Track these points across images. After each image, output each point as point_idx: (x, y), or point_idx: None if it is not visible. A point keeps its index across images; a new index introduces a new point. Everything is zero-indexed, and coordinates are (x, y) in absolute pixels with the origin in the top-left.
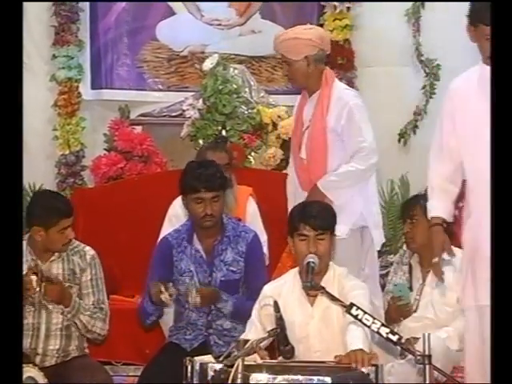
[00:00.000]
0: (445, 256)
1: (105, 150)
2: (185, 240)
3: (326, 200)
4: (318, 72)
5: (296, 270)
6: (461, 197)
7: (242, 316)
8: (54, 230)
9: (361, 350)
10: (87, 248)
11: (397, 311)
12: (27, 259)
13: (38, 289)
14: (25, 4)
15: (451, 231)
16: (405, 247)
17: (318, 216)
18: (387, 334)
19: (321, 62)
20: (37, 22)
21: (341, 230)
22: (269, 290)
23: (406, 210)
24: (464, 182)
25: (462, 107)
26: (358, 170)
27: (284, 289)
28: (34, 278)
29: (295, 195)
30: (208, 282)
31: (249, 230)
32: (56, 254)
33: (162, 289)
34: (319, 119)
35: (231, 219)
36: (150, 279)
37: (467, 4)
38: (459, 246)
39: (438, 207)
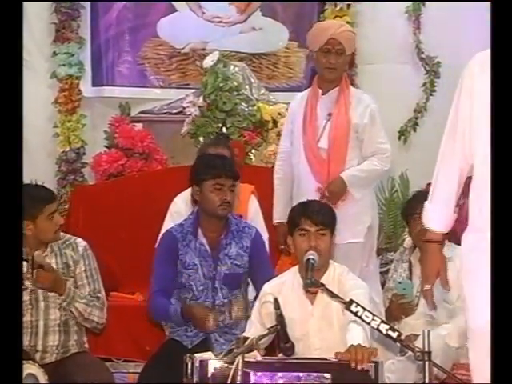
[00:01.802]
0: (445, 253)
1: (105, 147)
2: (189, 234)
3: (347, 194)
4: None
5: (296, 268)
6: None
7: None
8: (41, 218)
9: (360, 345)
10: (78, 240)
11: (399, 309)
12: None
13: (29, 275)
14: (25, 1)
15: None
16: (405, 244)
17: (320, 212)
18: (387, 330)
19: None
20: (37, 20)
21: (357, 235)
22: (269, 288)
23: (419, 207)
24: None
25: (482, 86)
26: (381, 169)
27: (284, 287)
28: (24, 263)
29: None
30: (212, 275)
31: (251, 226)
32: (48, 248)
33: (209, 317)
34: (343, 113)
35: (233, 215)
36: (155, 274)
37: (467, 2)
38: (458, 243)
39: (439, 219)
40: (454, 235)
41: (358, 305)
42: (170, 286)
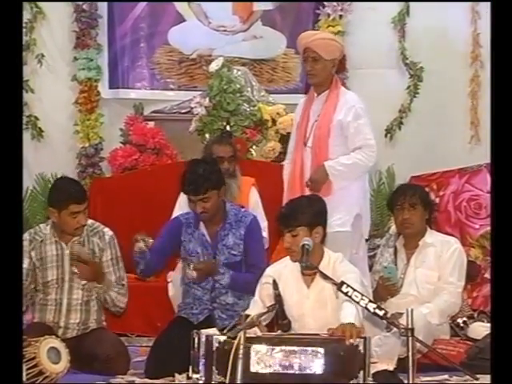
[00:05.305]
0: (427, 239)
1: (121, 143)
2: (193, 225)
3: (328, 183)
4: (332, 74)
5: None
6: (441, 185)
7: (240, 287)
8: (64, 213)
9: (350, 323)
10: (106, 229)
11: (385, 290)
12: (51, 241)
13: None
14: (48, 11)
15: (434, 217)
16: (391, 231)
17: (288, 215)
18: (374, 309)
19: (336, 67)
20: (59, 28)
21: (343, 224)
22: (270, 272)
23: (405, 198)
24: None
25: None
26: (365, 165)
27: (284, 271)
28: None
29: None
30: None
31: (248, 214)
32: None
33: (139, 238)
34: (328, 113)
35: (233, 206)
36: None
37: (449, 11)
38: (441, 232)
39: None
40: (436, 224)
41: (348, 286)
42: (159, 256)
